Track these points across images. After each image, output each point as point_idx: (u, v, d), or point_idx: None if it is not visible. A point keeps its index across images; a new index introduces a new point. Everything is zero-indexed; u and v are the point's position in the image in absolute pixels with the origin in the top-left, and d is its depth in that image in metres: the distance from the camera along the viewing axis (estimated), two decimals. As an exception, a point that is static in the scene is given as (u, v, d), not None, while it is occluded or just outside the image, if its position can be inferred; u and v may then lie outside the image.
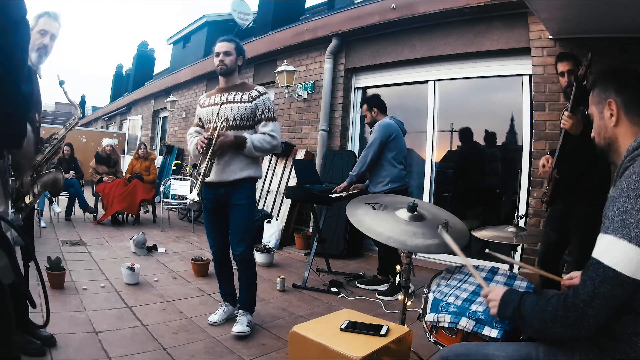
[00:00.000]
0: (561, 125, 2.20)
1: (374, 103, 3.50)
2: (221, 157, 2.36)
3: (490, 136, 4.23)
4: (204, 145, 2.27)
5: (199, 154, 2.33)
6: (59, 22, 1.96)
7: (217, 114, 2.36)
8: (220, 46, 2.42)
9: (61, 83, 2.07)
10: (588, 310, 0.88)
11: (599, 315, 0.88)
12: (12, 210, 1.31)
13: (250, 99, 2.38)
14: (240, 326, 2.36)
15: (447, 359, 1.15)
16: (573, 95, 2.13)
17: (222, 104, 2.40)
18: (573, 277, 1.31)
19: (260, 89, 2.45)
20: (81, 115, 2.26)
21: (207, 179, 2.35)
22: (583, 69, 2.08)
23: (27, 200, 1.83)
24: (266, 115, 2.40)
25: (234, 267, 2.54)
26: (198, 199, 2.25)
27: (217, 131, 2.28)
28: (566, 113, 2.16)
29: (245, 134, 2.34)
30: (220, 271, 2.59)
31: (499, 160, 4.19)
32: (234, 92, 2.42)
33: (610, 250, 0.88)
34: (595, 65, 2.13)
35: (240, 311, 2.47)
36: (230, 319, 2.56)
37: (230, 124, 2.36)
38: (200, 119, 2.52)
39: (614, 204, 0.92)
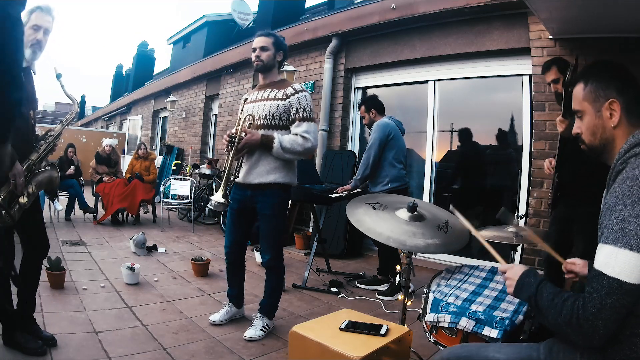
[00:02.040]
0: (557, 127, 2.23)
1: (372, 104, 3.49)
2: (250, 157, 2.25)
3: (502, 135, 4.15)
4: (226, 142, 2.19)
5: (226, 150, 2.22)
6: (53, 15, 1.91)
7: (242, 111, 2.27)
8: (258, 41, 2.29)
9: (58, 76, 2.00)
10: (597, 323, 0.88)
11: (608, 326, 0.88)
12: None
13: (285, 97, 2.23)
14: (252, 330, 2.33)
15: None
16: (564, 100, 2.15)
17: (255, 101, 2.29)
18: (576, 263, 1.30)
19: (297, 86, 2.30)
20: (78, 110, 2.17)
21: (235, 179, 2.26)
22: (569, 74, 2.10)
23: (22, 200, 1.80)
24: (300, 115, 2.22)
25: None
26: (223, 200, 2.13)
27: (240, 128, 2.18)
28: (559, 118, 2.18)
29: (275, 134, 2.21)
30: (231, 271, 2.53)
31: (515, 161, 4.12)
32: (270, 90, 2.29)
33: (611, 261, 0.87)
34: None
35: (258, 314, 2.43)
36: (232, 320, 2.55)
37: (262, 122, 2.23)
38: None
39: (611, 213, 0.91)
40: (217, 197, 2.15)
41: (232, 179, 2.22)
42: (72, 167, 5.98)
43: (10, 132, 1.30)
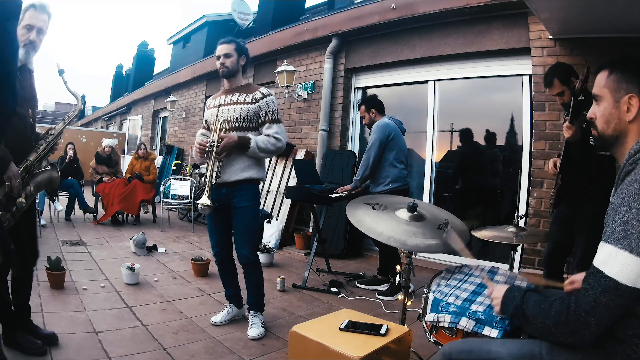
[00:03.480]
0: (564, 132, 2.21)
1: (372, 104, 3.49)
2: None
3: (490, 136, 4.22)
4: (204, 148, 2.27)
5: (200, 157, 2.34)
6: (49, 12, 1.85)
7: (217, 115, 2.35)
8: (220, 49, 2.39)
9: (60, 72, 1.97)
10: (590, 319, 0.88)
11: (600, 324, 0.89)
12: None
13: (254, 101, 2.34)
14: (255, 329, 2.36)
15: (449, 355, 1.15)
16: (572, 108, 2.14)
17: (225, 105, 2.38)
18: (574, 281, 1.30)
19: (264, 90, 2.41)
20: (82, 107, 2.13)
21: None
22: (579, 84, 2.08)
23: (20, 201, 1.76)
24: (270, 117, 2.36)
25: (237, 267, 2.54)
26: (209, 202, 2.22)
27: (218, 133, 2.27)
28: (566, 124, 2.16)
29: (250, 135, 2.32)
30: (223, 272, 2.57)
31: (500, 161, 4.18)
32: (238, 94, 2.39)
33: (611, 260, 0.88)
34: (593, 67, 2.12)
35: (252, 312, 2.46)
36: (233, 321, 2.55)
37: (233, 125, 2.33)
38: (206, 121, 2.50)
39: (615, 213, 0.91)
40: (204, 200, 2.23)
41: (214, 182, 2.29)
42: (70, 152, 5.96)
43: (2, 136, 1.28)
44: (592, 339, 0.91)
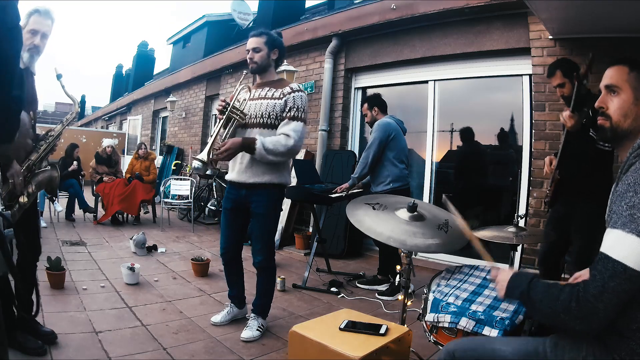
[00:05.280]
0: (561, 119, 2.19)
1: (375, 102, 3.49)
2: (244, 156, 2.25)
3: (504, 136, 4.15)
4: (221, 107, 2.19)
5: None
6: (52, 17, 1.90)
7: (238, 91, 2.31)
8: (249, 42, 2.28)
9: (59, 77, 2.01)
10: (598, 305, 0.88)
11: (608, 310, 0.88)
12: (2, 208, 1.30)
13: (282, 96, 2.22)
14: (249, 331, 2.33)
15: (453, 353, 1.14)
16: (574, 95, 2.12)
17: (253, 99, 2.29)
18: (577, 278, 1.30)
19: (294, 86, 2.27)
20: (79, 110, 2.18)
21: (230, 178, 2.30)
22: (584, 67, 2.07)
23: (22, 200, 1.79)
24: (291, 114, 2.20)
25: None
26: (206, 158, 2.07)
27: (234, 97, 2.22)
28: (568, 112, 2.13)
29: (257, 135, 2.18)
30: (228, 272, 2.53)
31: (515, 162, 4.12)
32: (267, 88, 2.29)
33: (618, 244, 0.88)
34: (597, 65, 2.11)
35: (252, 315, 2.43)
36: (234, 321, 2.55)
37: (258, 121, 2.23)
38: None
39: (621, 199, 0.92)
40: (202, 155, 2.08)
41: (219, 146, 2.15)
42: (74, 162, 5.98)
43: (17, 130, 1.31)
44: (600, 326, 0.90)
